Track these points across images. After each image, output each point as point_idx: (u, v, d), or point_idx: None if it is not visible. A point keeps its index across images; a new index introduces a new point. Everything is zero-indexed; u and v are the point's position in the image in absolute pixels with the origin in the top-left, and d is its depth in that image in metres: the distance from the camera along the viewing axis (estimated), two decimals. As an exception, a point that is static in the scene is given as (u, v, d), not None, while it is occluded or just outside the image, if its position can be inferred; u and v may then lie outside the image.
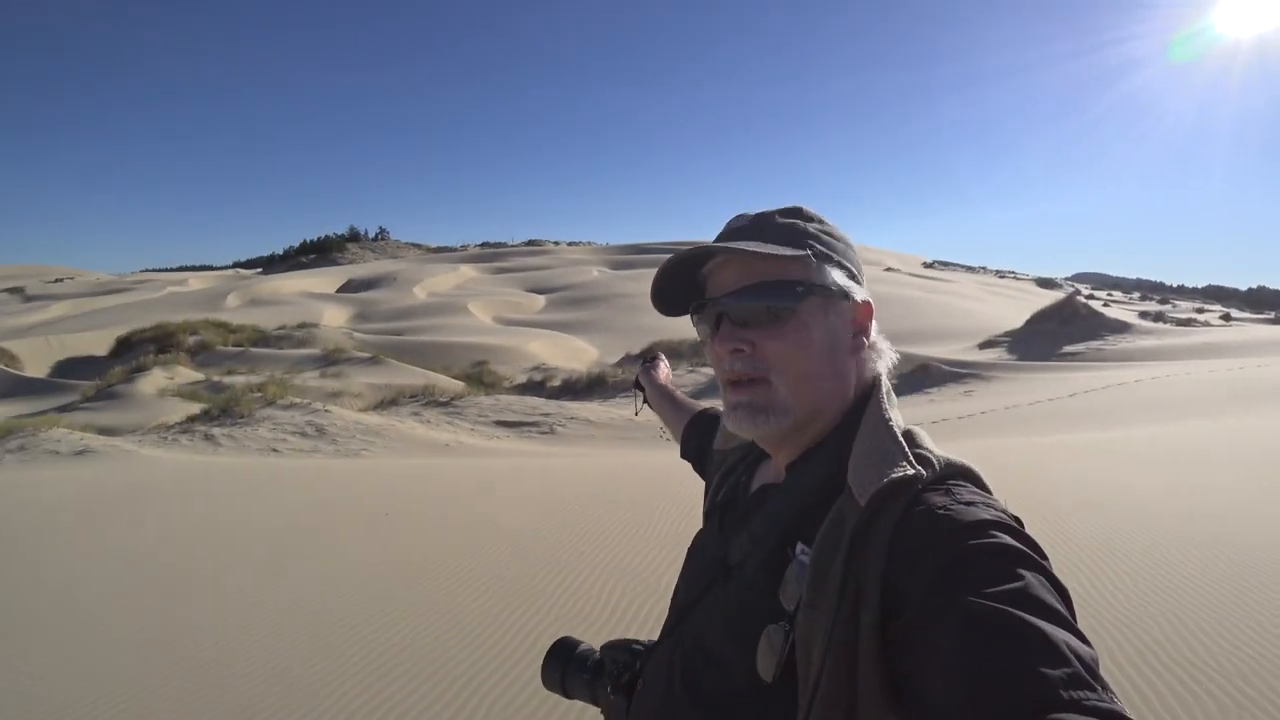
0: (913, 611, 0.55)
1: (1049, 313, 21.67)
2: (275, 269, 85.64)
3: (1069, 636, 0.50)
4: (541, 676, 0.97)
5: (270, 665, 2.93)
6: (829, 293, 0.72)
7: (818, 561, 0.61)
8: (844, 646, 0.57)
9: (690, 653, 0.73)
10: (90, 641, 3.26)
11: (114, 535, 5.06)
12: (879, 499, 0.60)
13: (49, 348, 27.08)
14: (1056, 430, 8.85)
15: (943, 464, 0.64)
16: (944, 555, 0.56)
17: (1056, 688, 0.46)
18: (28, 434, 10.16)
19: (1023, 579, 0.53)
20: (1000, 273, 69.55)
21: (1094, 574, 3.41)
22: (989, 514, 0.59)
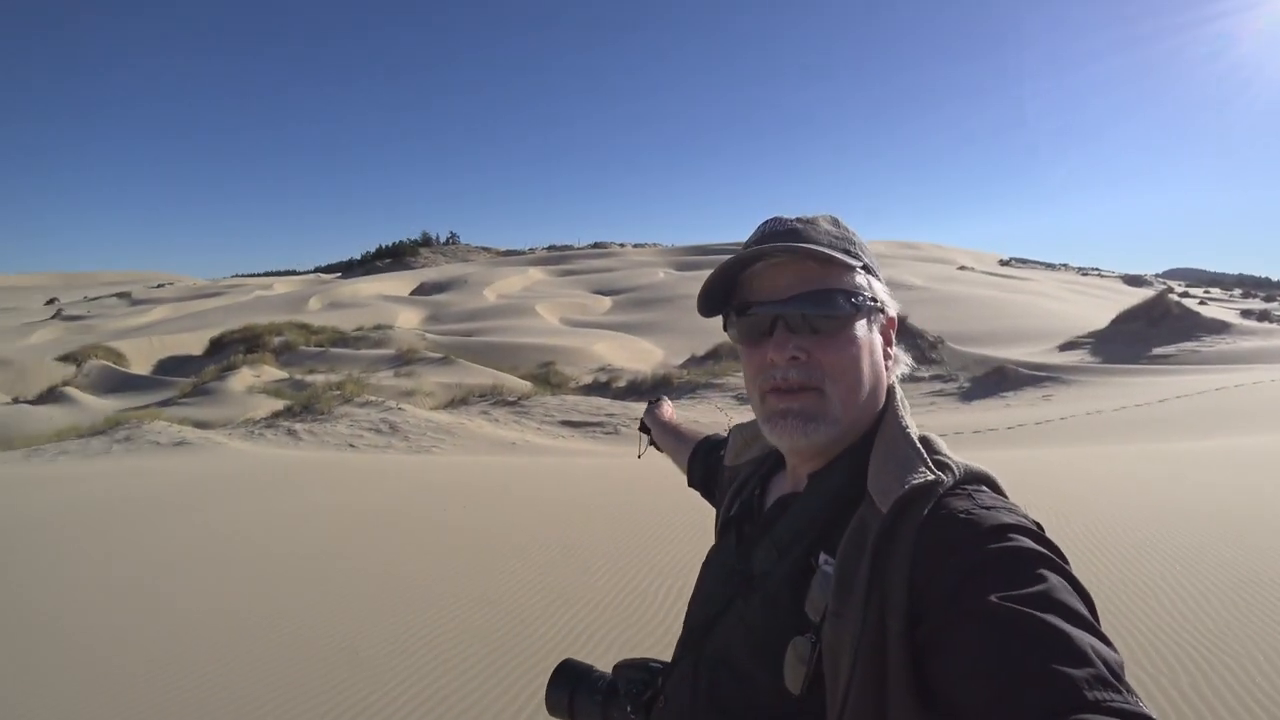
0: (937, 616, 0.55)
1: (1137, 312, 20.38)
2: (353, 273, 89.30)
3: (1092, 639, 0.50)
4: (546, 701, 0.94)
5: (341, 639, 3.10)
6: (874, 305, 0.74)
7: (842, 570, 0.61)
8: (872, 654, 0.57)
9: (714, 667, 0.73)
10: (183, 610, 3.52)
11: (207, 519, 5.43)
12: (901, 505, 0.60)
13: (151, 347, 29.10)
14: (1144, 438, 8.38)
15: (962, 470, 0.65)
16: (967, 559, 0.56)
17: (1081, 689, 0.47)
18: (133, 426, 10.98)
19: (1046, 581, 0.53)
20: (1083, 270, 65.91)
21: (1178, 587, 3.24)
22: (1010, 518, 0.59)
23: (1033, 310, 28.46)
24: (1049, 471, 6.00)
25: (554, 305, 37.97)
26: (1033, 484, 5.40)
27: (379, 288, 51.47)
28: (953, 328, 20.91)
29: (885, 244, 75.80)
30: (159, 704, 2.67)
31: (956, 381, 15.83)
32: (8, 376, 23.22)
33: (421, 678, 2.79)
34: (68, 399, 18.30)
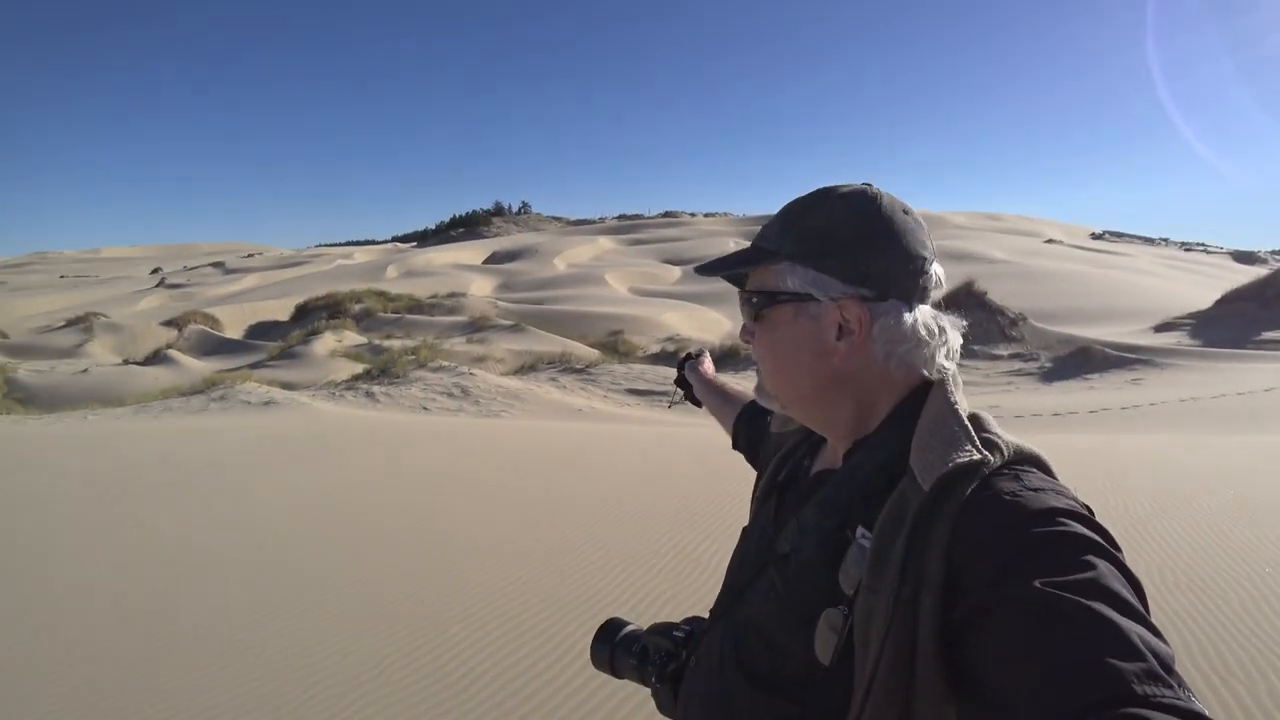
0: (978, 598, 0.54)
1: (1245, 292, 18.76)
2: (428, 242, 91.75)
3: (1143, 630, 0.48)
4: (591, 656, 0.99)
5: (401, 589, 3.29)
6: (797, 297, 0.72)
7: (879, 544, 0.60)
8: (903, 630, 0.56)
9: (744, 635, 0.73)
10: (264, 555, 3.81)
11: (293, 472, 5.80)
12: (944, 483, 0.59)
13: (243, 313, 30.90)
14: (1243, 429, 7.83)
15: (1011, 450, 0.63)
16: (1012, 542, 0.55)
17: (1130, 682, 0.45)
18: (227, 386, 11.77)
19: (1094, 568, 0.52)
20: (1186, 245, 61.19)
21: (1264, 588, 3.07)
22: (1060, 501, 0.58)
23: (1126, 287, 26.73)
24: (1113, 459, 5.72)
25: (623, 274, 38.12)
26: (1099, 472, 5.17)
27: (453, 257, 52.84)
28: (1037, 304, 19.91)
29: (966, 215, 72.38)
30: (258, 621, 2.92)
31: (1037, 361, 15.13)
32: (119, 340, 25.19)
33: (479, 626, 2.94)
34: (171, 360, 19.72)
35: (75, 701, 2.51)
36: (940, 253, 0.76)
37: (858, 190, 0.73)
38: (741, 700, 0.71)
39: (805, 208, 0.74)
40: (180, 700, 2.49)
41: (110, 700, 2.51)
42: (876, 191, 0.74)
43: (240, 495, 5.23)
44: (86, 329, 26.05)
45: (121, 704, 2.48)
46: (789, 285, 0.72)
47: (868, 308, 0.70)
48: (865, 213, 0.72)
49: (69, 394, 15.46)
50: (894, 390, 0.72)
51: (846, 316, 0.70)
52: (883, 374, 0.72)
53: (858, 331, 0.70)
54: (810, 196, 0.75)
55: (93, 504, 5.05)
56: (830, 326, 0.71)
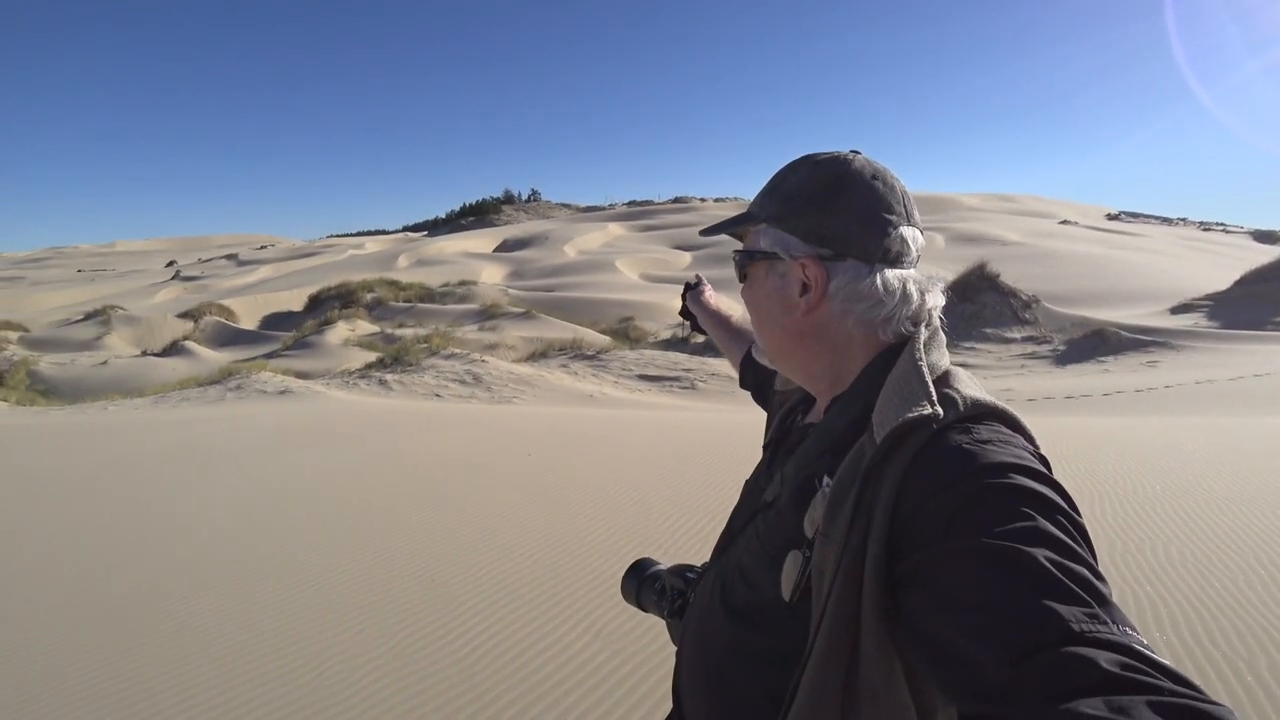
0: (923, 550, 0.56)
1: (1267, 272, 18.36)
2: (439, 231, 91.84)
3: (1083, 571, 0.50)
4: (621, 588, 1.11)
5: (415, 570, 3.36)
6: (766, 256, 0.78)
7: (835, 494, 0.64)
8: (850, 575, 0.59)
9: (730, 574, 0.79)
10: (282, 538, 3.89)
11: (305, 460, 5.90)
12: (894, 436, 0.61)
13: (257, 304, 31.18)
14: (1260, 411, 7.75)
15: (969, 404, 0.64)
16: (956, 495, 0.56)
17: (1070, 622, 0.47)
18: (243, 376, 11.93)
19: (1033, 518, 0.53)
20: (1205, 225, 60.03)
21: (1273, 568, 3.07)
22: (1006, 454, 0.59)
23: (1142, 269, 26.37)
24: (1126, 439, 5.70)
25: (634, 261, 38.05)
26: (1113, 452, 5.16)
27: (463, 245, 52.89)
28: (1050, 286, 19.71)
29: (979, 196, 71.48)
30: (274, 603, 3.00)
31: (1051, 344, 15.01)
32: (137, 332, 25.51)
33: (491, 603, 3.01)
34: (187, 351, 19.96)
35: (90, 679, 2.60)
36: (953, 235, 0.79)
37: (832, 156, 0.76)
38: (722, 631, 0.77)
39: (785, 175, 0.79)
40: (198, 675, 2.57)
41: (130, 674, 2.59)
42: (851, 157, 0.76)
43: (255, 481, 5.33)
44: (105, 322, 26.38)
45: (143, 678, 2.57)
46: (762, 245, 0.78)
47: (825, 266, 0.73)
48: (831, 176, 0.75)
49: (90, 385, 15.73)
50: (865, 348, 0.75)
51: (807, 275, 0.74)
52: (846, 332, 0.75)
53: (814, 289, 0.74)
54: (792, 163, 0.79)
55: (110, 488, 5.17)
56: (795, 283, 0.75)
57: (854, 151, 0.77)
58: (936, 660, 0.53)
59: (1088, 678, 0.44)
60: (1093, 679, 0.44)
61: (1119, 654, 0.45)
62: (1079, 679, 0.44)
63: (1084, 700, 0.43)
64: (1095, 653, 0.45)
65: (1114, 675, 0.44)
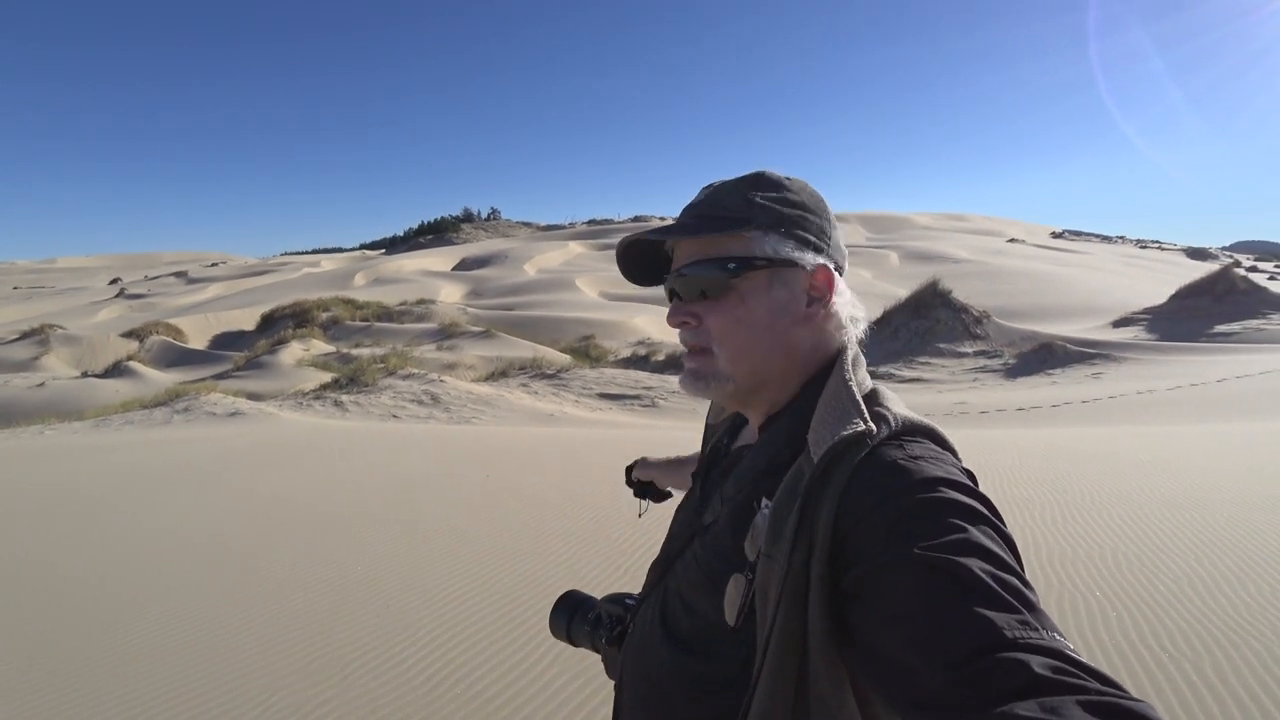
0: (862, 565, 0.57)
1: (1199, 287, 19.38)
2: (397, 249, 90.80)
3: (1013, 580, 0.52)
4: (549, 625, 1.05)
5: (367, 595, 3.27)
6: (772, 264, 0.73)
7: (775, 514, 0.64)
8: (796, 595, 0.60)
9: (670, 601, 0.78)
10: (234, 564, 3.74)
11: (259, 482, 5.70)
12: (832, 454, 0.62)
13: (207, 323, 30.23)
14: (1196, 418, 8.10)
15: (899, 421, 0.66)
16: (892, 510, 0.58)
17: (1002, 629, 0.49)
18: (191, 398, 11.51)
19: (965, 530, 0.55)
20: (1142, 242, 62.94)
21: (1215, 572, 3.18)
22: (938, 469, 0.61)
23: (1085, 285, 27.45)
24: (1075, 448, 5.88)
25: (594, 279, 38.07)
26: (1064, 459, 5.31)
27: (422, 263, 52.29)
28: (1000, 302, 20.38)
29: (931, 216, 73.68)
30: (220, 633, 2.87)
31: (1001, 358, 15.47)
32: (77, 352, 24.46)
33: (446, 628, 2.93)
34: (132, 372, 19.20)
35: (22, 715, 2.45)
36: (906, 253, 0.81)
37: (796, 177, 0.79)
38: (665, 659, 0.76)
39: (760, 184, 0.76)
40: (141, 708, 2.44)
41: (72, 705, 2.45)
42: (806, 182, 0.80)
43: (201, 507, 5.12)
44: (42, 341, 25.21)
45: (85, 707, 2.42)
46: (766, 252, 0.73)
47: (835, 274, 0.76)
48: (812, 191, 0.78)
49: (24, 408, 14.98)
50: (816, 364, 0.76)
51: (816, 283, 0.74)
52: (819, 343, 0.76)
53: (826, 297, 0.74)
54: (756, 176, 0.77)
55: (42, 517, 4.92)
56: (802, 294, 0.74)
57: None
58: (877, 671, 0.55)
59: (1021, 681, 0.46)
60: (1026, 682, 0.46)
61: (1049, 658, 0.47)
62: (1013, 682, 0.46)
63: (1018, 703, 0.44)
64: (1028, 657, 0.47)
65: (1046, 678, 0.45)
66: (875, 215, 70.75)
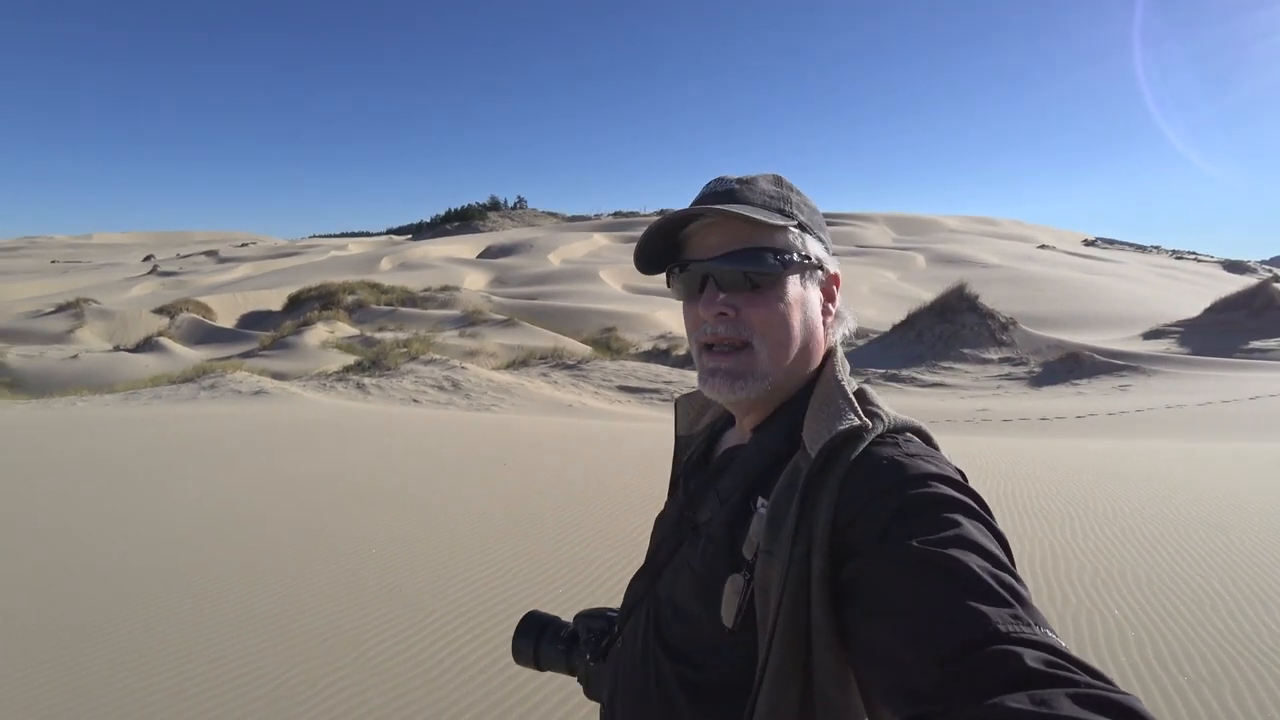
0: (859, 559, 0.58)
1: (1236, 301, 18.90)
2: (423, 235, 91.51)
3: (1006, 576, 0.53)
4: (513, 651, 0.97)
5: (382, 580, 3.31)
6: (809, 264, 0.75)
7: (774, 511, 0.64)
8: (797, 590, 0.60)
9: (661, 608, 0.76)
10: (258, 535, 3.81)
11: (279, 460, 5.80)
12: (829, 450, 0.63)
13: (236, 303, 30.75)
14: (1227, 436, 7.91)
15: (891, 420, 0.68)
16: (889, 504, 0.59)
17: (995, 623, 0.49)
18: (218, 375, 11.72)
19: (960, 525, 0.56)
20: (1178, 253, 61.54)
21: (1238, 594, 3.12)
22: (933, 466, 0.62)
23: (1117, 294, 26.91)
24: (1099, 462, 5.78)
25: (618, 271, 38.07)
26: (1089, 474, 5.23)
27: (447, 250, 52.68)
28: (1027, 309, 20.05)
29: (959, 219, 72.61)
30: (234, 612, 2.94)
31: (1027, 365, 15.23)
32: (110, 326, 25.04)
33: (458, 613, 2.97)
34: (161, 348, 19.61)
35: (39, 692, 2.52)
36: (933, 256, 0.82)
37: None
38: (662, 672, 0.74)
39: (785, 185, 0.78)
40: (154, 685, 2.50)
41: (78, 686, 2.52)
42: None
43: (222, 485, 5.22)
44: (77, 315, 25.87)
45: (92, 689, 2.49)
46: (810, 251, 0.75)
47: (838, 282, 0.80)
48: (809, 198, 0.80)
49: (58, 379, 15.38)
50: (811, 363, 0.77)
51: (832, 285, 0.79)
52: (824, 345, 0.78)
53: (835, 303, 0.79)
54: (771, 176, 0.78)
55: (66, 488, 5.05)
56: (821, 296, 0.78)
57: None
58: (872, 664, 0.55)
59: (1013, 674, 0.46)
60: (1018, 675, 0.46)
61: (1042, 651, 0.48)
62: (1006, 675, 0.46)
63: (1010, 695, 0.45)
64: (1020, 650, 0.47)
65: (1037, 671, 0.46)
66: (903, 217, 69.92)
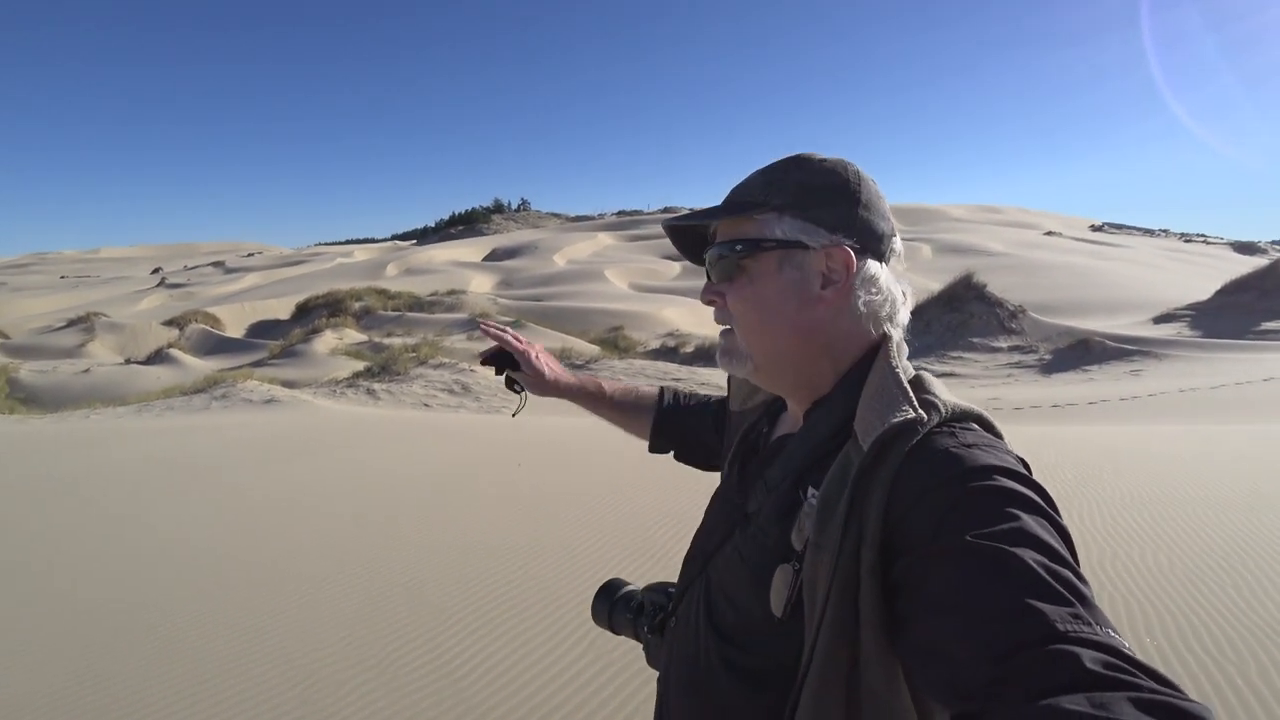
0: (912, 553, 0.56)
1: (1246, 282, 18.66)
2: (428, 240, 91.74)
3: (1066, 573, 0.51)
4: (591, 612, 1.07)
5: (405, 583, 3.33)
6: (781, 245, 0.73)
7: (824, 503, 0.63)
8: (847, 583, 0.59)
9: (714, 594, 0.77)
10: (269, 549, 3.85)
11: (292, 471, 5.84)
12: (882, 442, 0.62)
13: (244, 312, 30.90)
14: (1241, 418, 7.85)
15: (949, 409, 0.65)
16: (944, 498, 0.57)
17: (1053, 621, 0.47)
18: (228, 385, 11.79)
19: (1020, 519, 0.54)
20: (1186, 236, 61.03)
21: (1257, 576, 3.10)
22: (992, 457, 0.60)
23: (1126, 279, 26.70)
24: (1113, 446, 5.75)
25: (623, 270, 38.04)
26: (1102, 458, 5.20)
27: (452, 254, 52.73)
28: (1036, 296, 19.90)
29: (965, 208, 72.23)
30: (262, 614, 2.96)
31: (1037, 353, 15.14)
32: (121, 339, 25.21)
33: (480, 616, 2.98)
34: (172, 360, 19.74)
35: (73, 687, 2.55)
36: (939, 245, 0.80)
37: (838, 158, 0.78)
38: (713, 655, 0.75)
39: (789, 167, 0.77)
40: (184, 687, 2.53)
41: (115, 684, 2.55)
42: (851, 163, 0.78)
43: (242, 491, 5.26)
44: (88, 329, 26.04)
45: (129, 689, 2.52)
46: (777, 234, 0.74)
47: (854, 256, 0.73)
48: (848, 173, 0.76)
49: (71, 393, 15.50)
50: (855, 349, 0.75)
51: (832, 264, 0.73)
52: (851, 328, 0.75)
53: (844, 278, 0.73)
54: (791, 158, 0.78)
55: (93, 497, 5.09)
56: (815, 275, 0.73)
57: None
58: (924, 660, 0.54)
59: (1071, 675, 0.45)
60: (1076, 676, 0.45)
61: (1102, 653, 0.46)
62: (1062, 676, 0.45)
63: (1066, 696, 0.43)
64: (1079, 651, 0.46)
65: (1097, 673, 0.44)
66: (907, 207, 69.60)
